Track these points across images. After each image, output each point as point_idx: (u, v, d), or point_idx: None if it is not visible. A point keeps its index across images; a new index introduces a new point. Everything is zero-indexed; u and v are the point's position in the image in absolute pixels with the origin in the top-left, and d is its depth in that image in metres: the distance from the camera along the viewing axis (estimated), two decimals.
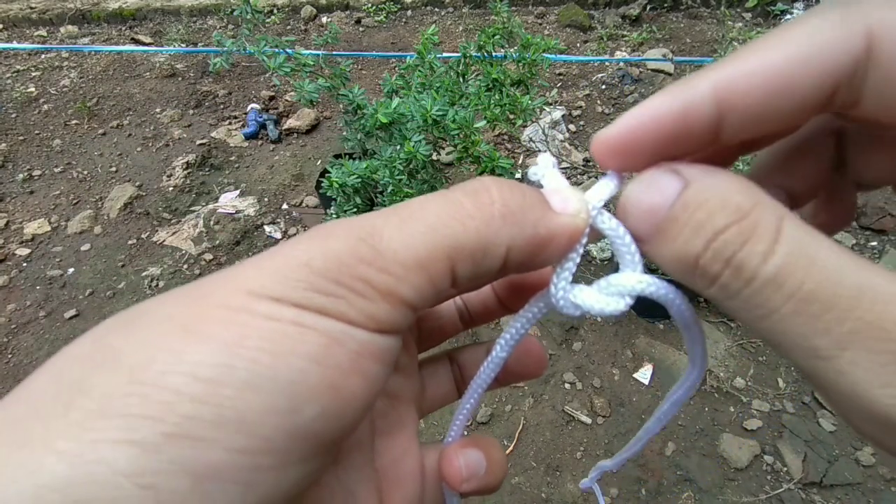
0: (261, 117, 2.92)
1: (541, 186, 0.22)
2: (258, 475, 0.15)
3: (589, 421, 1.63)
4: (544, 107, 2.68)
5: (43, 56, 3.66)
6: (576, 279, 0.21)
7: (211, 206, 2.47)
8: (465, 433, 0.27)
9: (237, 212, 2.44)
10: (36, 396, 0.15)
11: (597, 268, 2.00)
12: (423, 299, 0.18)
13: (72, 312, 2.06)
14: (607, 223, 0.20)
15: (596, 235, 0.21)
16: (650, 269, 0.29)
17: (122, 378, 0.15)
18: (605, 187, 0.21)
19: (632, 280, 0.19)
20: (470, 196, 0.19)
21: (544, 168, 0.22)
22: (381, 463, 0.25)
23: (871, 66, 0.16)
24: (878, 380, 0.14)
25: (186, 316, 0.16)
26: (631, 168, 0.20)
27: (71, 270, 2.24)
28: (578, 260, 0.21)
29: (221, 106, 3.14)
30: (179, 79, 3.38)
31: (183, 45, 3.71)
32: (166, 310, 0.17)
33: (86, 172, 2.73)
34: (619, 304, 0.20)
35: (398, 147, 1.46)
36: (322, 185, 1.47)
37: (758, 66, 0.16)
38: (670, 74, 3.02)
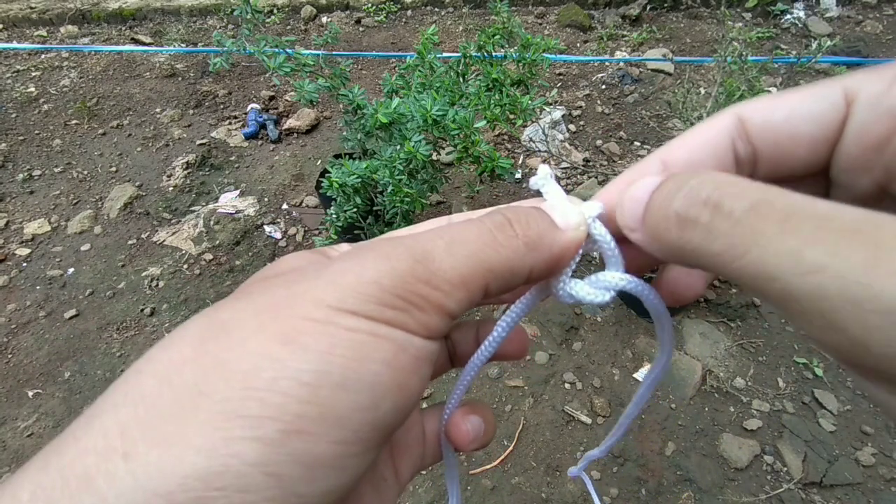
0: (261, 117, 2.92)
1: (540, 194, 0.28)
2: (349, 460, 0.19)
3: (589, 421, 1.63)
4: (544, 107, 2.67)
5: (43, 56, 3.66)
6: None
7: (211, 206, 2.48)
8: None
9: (237, 212, 2.44)
10: (151, 400, 0.18)
11: (587, 264, 2.00)
12: (462, 310, 0.22)
13: (72, 312, 2.06)
14: (598, 230, 0.25)
15: (588, 241, 0.26)
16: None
17: (237, 384, 0.18)
18: (595, 203, 0.26)
19: (615, 277, 0.24)
20: (499, 229, 0.23)
21: (543, 179, 0.28)
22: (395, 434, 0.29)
23: (750, 131, 0.22)
24: (881, 269, 0.14)
25: (280, 327, 0.19)
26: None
27: (71, 270, 2.24)
28: (578, 259, 0.26)
29: (221, 106, 3.14)
30: (179, 79, 3.38)
31: (183, 45, 3.71)
32: (257, 320, 0.19)
33: (86, 172, 2.73)
34: (605, 296, 0.25)
35: (398, 147, 1.46)
36: (322, 185, 1.47)
37: (682, 148, 0.23)
38: (670, 74, 3.02)
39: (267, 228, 2.36)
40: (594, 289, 0.25)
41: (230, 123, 2.99)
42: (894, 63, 0.20)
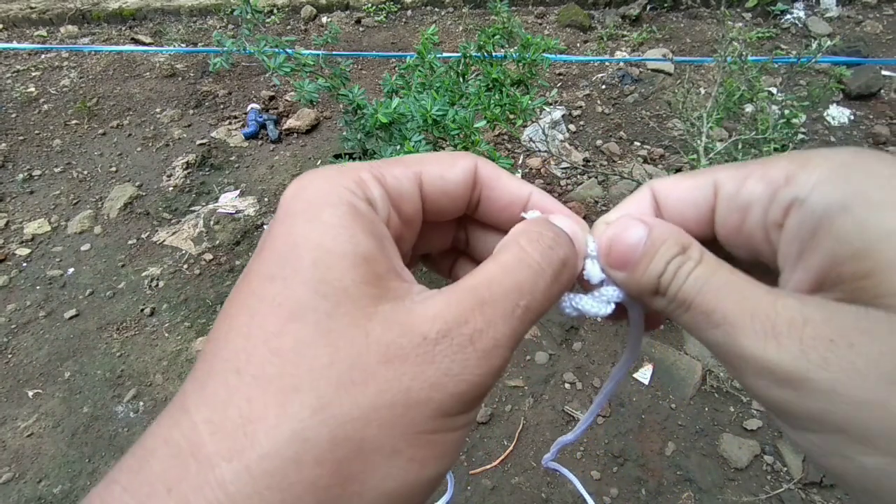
0: (261, 117, 2.92)
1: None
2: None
3: None
4: (544, 107, 2.67)
5: (43, 56, 3.66)
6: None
7: (211, 206, 2.48)
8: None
9: (237, 212, 2.44)
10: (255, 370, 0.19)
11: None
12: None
13: (72, 312, 2.06)
14: (593, 266, 0.29)
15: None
16: None
17: None
18: (591, 243, 0.29)
19: (615, 292, 0.28)
20: (556, 277, 0.25)
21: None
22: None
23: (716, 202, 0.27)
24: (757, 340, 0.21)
25: (411, 451, 0.20)
26: None
27: (71, 270, 2.24)
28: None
29: (221, 106, 3.14)
30: (179, 79, 3.38)
31: (183, 45, 3.71)
32: (390, 437, 0.20)
33: (86, 172, 2.73)
34: (608, 308, 0.28)
35: (398, 147, 1.46)
36: None
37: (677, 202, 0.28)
38: (670, 74, 3.02)
39: (267, 228, 2.36)
40: (597, 302, 0.28)
41: (230, 123, 2.99)
42: (750, 163, 0.26)
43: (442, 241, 0.32)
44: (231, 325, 0.21)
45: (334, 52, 3.20)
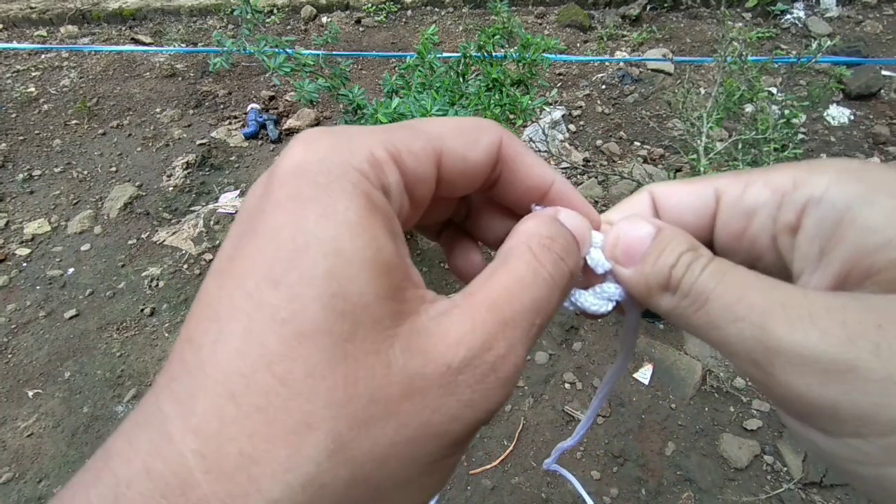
0: (261, 117, 2.93)
1: None
2: None
3: None
4: (544, 107, 2.67)
5: (43, 56, 3.66)
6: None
7: (211, 206, 2.48)
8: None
9: (237, 212, 2.44)
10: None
11: None
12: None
13: (72, 312, 2.06)
14: (599, 254, 0.29)
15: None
16: None
17: None
18: (597, 235, 0.29)
19: (616, 290, 0.28)
20: (564, 283, 0.24)
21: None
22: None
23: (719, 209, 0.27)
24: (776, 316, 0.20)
25: (417, 468, 0.19)
26: None
27: (71, 270, 2.24)
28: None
29: (221, 106, 3.14)
30: (179, 79, 3.38)
31: (183, 45, 3.71)
32: (397, 456, 0.19)
33: (86, 172, 2.73)
34: (608, 306, 0.28)
35: None
36: None
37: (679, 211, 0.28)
38: (670, 74, 3.02)
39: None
40: (598, 299, 0.28)
41: (230, 123, 2.99)
42: (749, 170, 0.26)
43: (442, 215, 0.30)
44: (220, 331, 0.17)
45: (334, 52, 3.20)
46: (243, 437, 0.16)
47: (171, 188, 2.60)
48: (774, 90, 2.31)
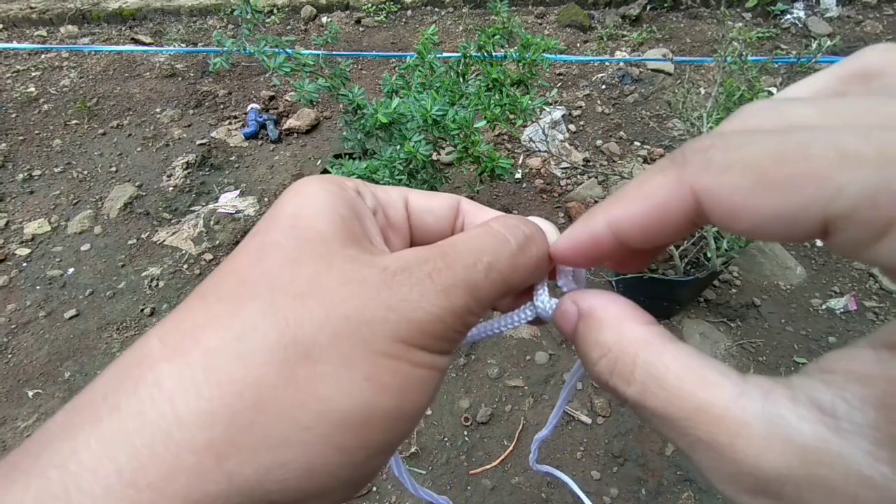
0: (261, 117, 2.92)
1: None
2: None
3: (589, 421, 1.63)
4: (544, 107, 2.67)
5: (43, 56, 3.66)
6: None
7: (211, 206, 2.48)
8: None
9: (237, 212, 2.44)
10: (247, 425, 0.19)
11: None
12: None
13: (72, 312, 2.06)
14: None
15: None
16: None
17: (334, 420, 0.19)
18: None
19: (530, 313, 0.28)
20: (521, 250, 0.24)
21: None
22: None
23: (704, 210, 0.21)
24: (722, 477, 0.17)
25: (364, 365, 0.20)
26: (578, 263, 0.27)
27: (71, 270, 2.24)
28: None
29: (221, 106, 3.14)
30: (179, 79, 3.38)
31: (183, 45, 3.71)
32: (339, 351, 0.20)
33: (86, 172, 2.73)
34: (522, 323, 0.28)
35: (398, 147, 1.46)
36: None
37: (629, 215, 0.22)
38: (670, 74, 3.02)
39: None
40: (514, 319, 0.28)
41: (230, 123, 2.99)
42: None
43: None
44: (210, 277, 0.23)
45: (334, 52, 3.20)
46: (199, 314, 0.20)
47: (171, 188, 2.60)
48: (774, 90, 2.31)
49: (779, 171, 0.16)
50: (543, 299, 0.28)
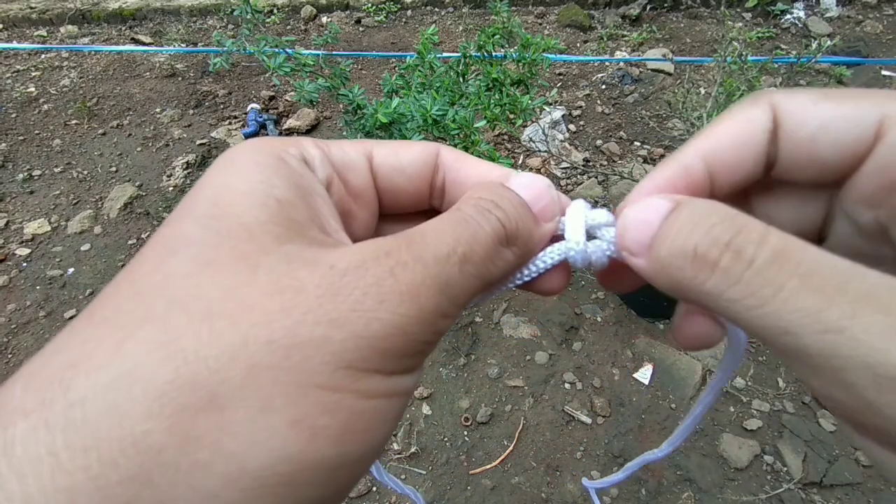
0: (261, 117, 2.93)
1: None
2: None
3: (589, 421, 1.63)
4: (544, 107, 2.68)
5: (43, 56, 3.66)
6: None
7: None
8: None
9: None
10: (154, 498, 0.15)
11: None
12: None
13: (72, 312, 2.06)
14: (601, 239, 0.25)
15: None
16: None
17: (250, 482, 0.15)
18: (602, 215, 0.26)
19: (559, 252, 0.25)
20: (500, 242, 0.21)
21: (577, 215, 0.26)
22: None
23: (780, 133, 0.23)
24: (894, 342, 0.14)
25: (292, 410, 0.15)
26: None
27: (71, 270, 2.24)
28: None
29: (221, 106, 3.14)
30: (179, 79, 3.38)
31: (183, 45, 3.71)
32: (257, 391, 0.15)
33: (86, 172, 2.73)
34: (552, 264, 0.25)
35: None
36: None
37: (725, 142, 0.22)
38: (670, 74, 3.02)
39: None
40: (543, 261, 0.25)
41: (230, 123, 2.99)
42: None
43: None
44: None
45: (334, 52, 3.20)
46: (76, 346, 0.16)
47: (171, 188, 2.60)
48: (774, 90, 2.30)
49: (838, 92, 0.21)
50: (578, 227, 0.24)
